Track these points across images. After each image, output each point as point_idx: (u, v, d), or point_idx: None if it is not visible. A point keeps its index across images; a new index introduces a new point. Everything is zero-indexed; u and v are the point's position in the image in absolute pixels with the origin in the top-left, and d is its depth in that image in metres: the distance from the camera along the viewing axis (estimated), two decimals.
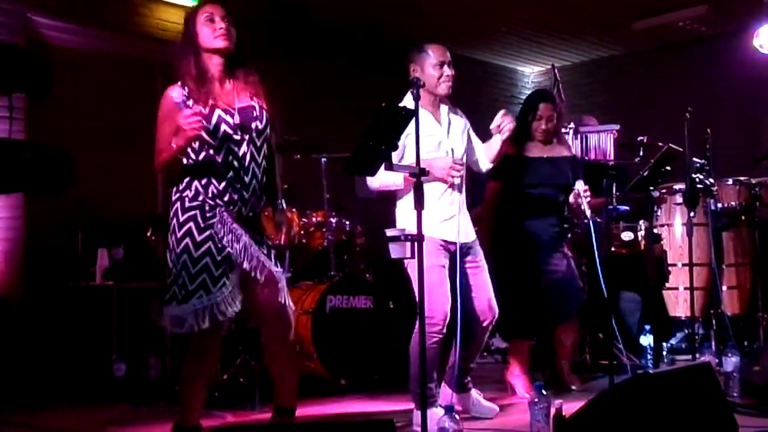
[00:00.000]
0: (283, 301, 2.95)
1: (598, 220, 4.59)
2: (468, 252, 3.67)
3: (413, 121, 2.67)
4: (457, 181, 3.53)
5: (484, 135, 3.98)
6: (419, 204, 2.64)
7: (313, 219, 5.01)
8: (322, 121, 6.28)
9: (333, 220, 5.01)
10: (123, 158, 5.86)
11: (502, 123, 3.67)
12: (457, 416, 2.73)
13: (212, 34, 2.91)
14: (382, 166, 2.64)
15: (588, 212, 4.07)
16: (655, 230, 5.30)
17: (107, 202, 5.41)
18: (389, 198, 3.73)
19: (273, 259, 2.99)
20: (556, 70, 5.13)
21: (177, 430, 3.00)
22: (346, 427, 2.15)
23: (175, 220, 2.91)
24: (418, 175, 2.65)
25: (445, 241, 3.56)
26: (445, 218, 3.57)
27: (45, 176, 2.40)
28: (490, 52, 8.37)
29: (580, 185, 4.14)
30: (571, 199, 4.26)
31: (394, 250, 2.88)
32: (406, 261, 3.23)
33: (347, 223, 5.18)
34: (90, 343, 4.78)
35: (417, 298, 2.82)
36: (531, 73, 9.12)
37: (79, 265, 5.01)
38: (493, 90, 8.73)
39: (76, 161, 2.48)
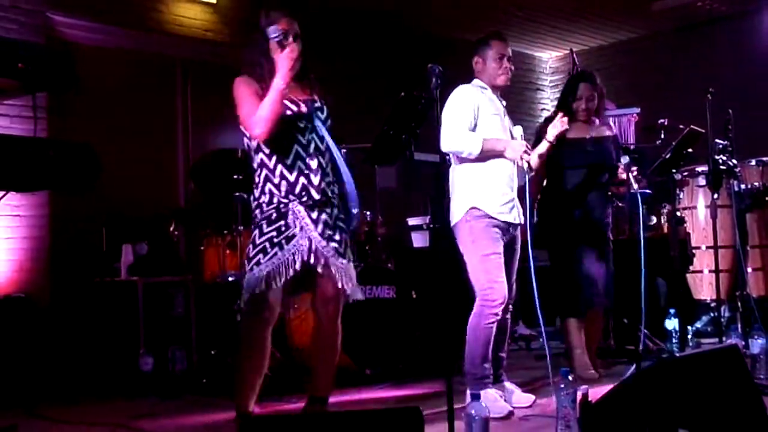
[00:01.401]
0: (338, 294, 3.15)
1: (621, 205, 4.56)
2: (515, 235, 3.76)
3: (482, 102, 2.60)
4: (525, 164, 3.63)
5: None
6: (441, 191, 2.64)
7: None
8: (342, 112, 6.26)
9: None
10: (144, 154, 5.91)
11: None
12: (484, 404, 2.73)
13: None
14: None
15: (636, 185, 4.05)
16: (678, 213, 5.26)
17: (130, 198, 5.46)
18: (409, 187, 3.76)
19: (344, 246, 3.13)
20: (574, 55, 5.10)
21: (237, 416, 3.10)
22: (374, 415, 2.16)
23: (257, 230, 3.08)
24: (440, 164, 2.64)
25: (506, 222, 3.65)
26: (507, 201, 3.66)
27: (70, 173, 2.42)
28: (507, 38, 8.31)
29: (626, 159, 4.15)
30: (619, 172, 4.28)
31: (417, 239, 2.89)
32: (462, 246, 3.32)
33: (368, 213, 5.17)
34: (117, 338, 4.83)
35: (473, 281, 2.78)
36: (549, 59, 9.06)
37: (103, 261, 5.06)
38: (511, 76, 8.66)
39: (99, 158, 2.50)
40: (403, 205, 5.86)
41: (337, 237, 3.12)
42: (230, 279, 4.75)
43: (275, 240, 3.02)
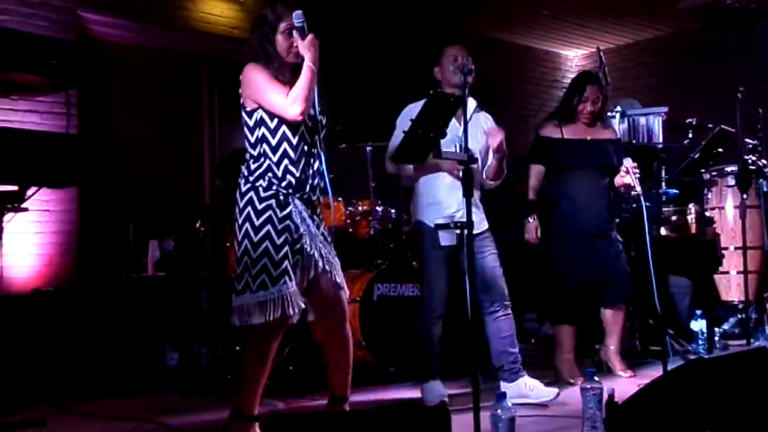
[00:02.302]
0: (340, 291, 3.10)
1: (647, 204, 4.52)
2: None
3: None
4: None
5: (524, 120, 4.00)
6: (468, 191, 2.64)
7: (359, 208, 5.03)
8: (367, 109, 6.28)
9: (379, 209, 5.02)
10: (171, 151, 5.96)
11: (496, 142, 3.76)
12: (509, 404, 2.72)
13: (287, 49, 3.07)
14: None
15: (638, 188, 4.03)
16: (706, 213, 5.21)
17: (157, 194, 5.51)
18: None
19: (330, 246, 3.12)
20: (601, 53, 5.06)
21: (235, 417, 3.04)
22: (401, 413, 2.16)
23: (250, 208, 2.99)
24: (467, 163, 2.64)
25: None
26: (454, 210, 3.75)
27: (102, 170, 2.45)
28: (532, 37, 8.29)
29: (628, 162, 4.12)
30: (618, 177, 4.25)
31: (444, 238, 2.89)
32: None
33: (393, 211, 5.18)
34: (143, 333, 4.87)
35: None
36: (575, 57, 9.00)
37: (130, 257, 5.11)
38: (536, 74, 8.65)
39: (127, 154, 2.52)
40: None
41: (329, 238, 3.14)
42: None
43: (291, 255, 2.97)
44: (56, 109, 5.10)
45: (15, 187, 2.61)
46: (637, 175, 4.06)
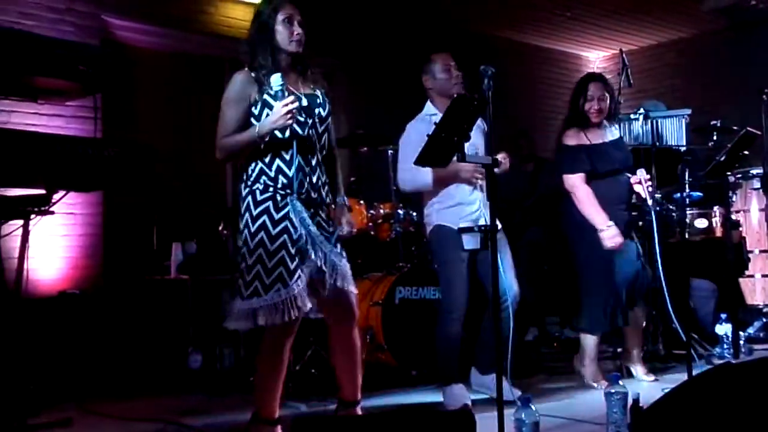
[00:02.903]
0: (349, 294, 3.04)
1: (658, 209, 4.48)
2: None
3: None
4: (481, 182, 3.82)
5: (545, 122, 3.99)
6: (492, 194, 2.63)
7: (381, 211, 5.03)
8: (388, 112, 6.28)
9: (400, 212, 5.02)
10: (193, 154, 5.99)
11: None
12: (533, 407, 2.71)
13: (289, 37, 2.99)
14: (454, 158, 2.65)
15: (650, 200, 4.00)
16: (732, 216, 5.16)
17: (180, 198, 5.54)
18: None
19: (339, 248, 3.05)
20: (624, 55, 5.03)
21: (256, 421, 3.05)
22: (426, 417, 2.16)
23: (248, 215, 2.94)
24: (490, 166, 2.64)
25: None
26: (453, 204, 3.86)
27: (130, 174, 2.47)
28: (554, 39, 8.26)
29: (642, 173, 4.11)
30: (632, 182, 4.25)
31: (468, 241, 2.88)
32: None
33: (414, 214, 5.17)
34: (166, 335, 4.91)
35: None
36: (596, 59, 8.96)
37: (154, 260, 5.15)
38: (557, 76, 8.61)
39: (156, 157, 2.55)
40: None
41: (334, 240, 3.05)
42: None
43: (291, 252, 2.90)
44: (81, 113, 5.16)
45: (42, 191, 2.64)
46: (649, 187, 4.02)
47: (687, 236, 5.07)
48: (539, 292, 5.69)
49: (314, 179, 2.99)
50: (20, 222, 2.84)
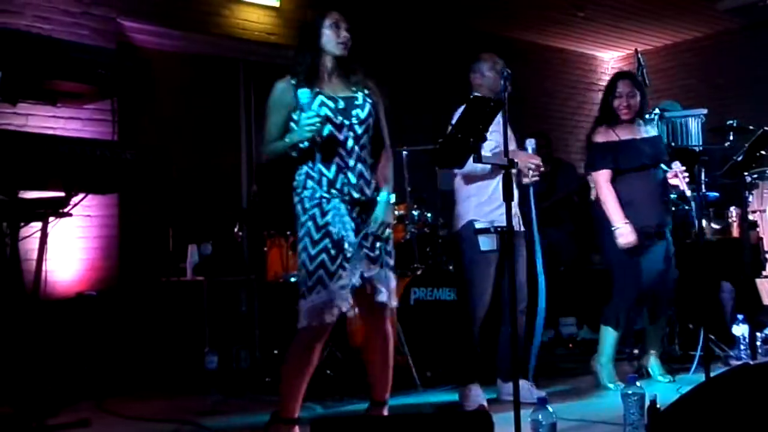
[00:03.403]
0: (387, 295, 3.10)
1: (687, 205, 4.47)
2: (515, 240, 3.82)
3: None
4: (534, 178, 3.85)
5: (561, 123, 4.00)
6: (509, 196, 2.63)
7: (396, 212, 5.02)
8: (403, 113, 6.29)
9: (415, 213, 5.03)
10: (208, 156, 6.03)
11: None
12: (550, 408, 2.70)
13: (336, 40, 3.12)
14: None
15: (688, 192, 3.99)
16: (749, 216, 5.13)
17: (195, 199, 5.56)
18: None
19: (380, 251, 3.10)
20: (639, 55, 5.01)
21: (276, 420, 3.07)
22: (444, 418, 2.16)
23: (299, 222, 3.07)
24: (507, 168, 2.63)
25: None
26: (487, 202, 3.79)
27: (148, 176, 2.49)
28: (568, 39, 8.24)
29: (677, 165, 4.11)
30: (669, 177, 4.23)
31: (484, 243, 2.88)
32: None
33: (429, 215, 5.18)
34: (182, 336, 4.93)
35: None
36: (611, 59, 8.93)
37: (170, 261, 5.17)
38: (572, 77, 8.59)
39: (174, 162, 2.56)
40: None
41: (375, 243, 3.11)
42: (293, 279, 4.80)
43: (333, 256, 2.98)
44: (97, 116, 5.19)
45: (61, 194, 2.66)
46: (686, 179, 4.02)
47: (704, 237, 5.03)
48: (554, 294, 5.68)
49: (355, 179, 3.06)
50: (38, 224, 2.87)
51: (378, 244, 3.10)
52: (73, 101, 3.10)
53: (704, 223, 5.07)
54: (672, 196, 4.47)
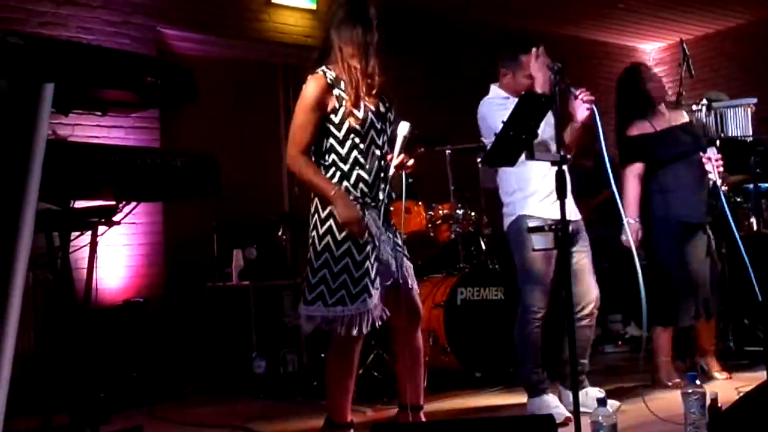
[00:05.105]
0: (415, 298, 3.05)
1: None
2: (576, 233, 3.65)
3: None
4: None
5: (604, 115, 3.92)
6: (562, 192, 2.57)
7: (440, 211, 4.99)
8: (445, 112, 6.25)
9: (459, 212, 4.98)
10: (249, 160, 6.04)
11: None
12: (610, 409, 2.65)
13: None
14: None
15: (720, 181, 3.88)
16: None
17: (238, 204, 5.58)
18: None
19: (403, 251, 3.06)
20: (684, 45, 4.91)
21: (329, 426, 3.04)
22: (506, 422, 2.12)
23: (332, 222, 2.92)
24: (560, 163, 2.58)
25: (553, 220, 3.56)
26: (547, 195, 3.54)
27: (197, 183, 2.49)
28: (608, 31, 8.12)
29: (712, 151, 3.99)
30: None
31: (538, 241, 2.83)
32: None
33: (473, 214, 5.13)
34: (230, 341, 4.95)
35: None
36: (651, 50, 8.78)
37: (215, 266, 5.19)
38: (613, 70, 8.43)
39: (222, 168, 2.56)
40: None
41: (400, 241, 3.07)
42: None
43: (372, 260, 2.91)
44: (139, 124, 5.25)
45: (112, 202, 2.67)
46: (720, 167, 3.91)
47: (761, 229, 4.90)
48: (601, 290, 5.59)
49: (386, 186, 2.99)
50: (87, 233, 2.89)
51: (401, 239, 3.09)
52: (120, 110, 3.11)
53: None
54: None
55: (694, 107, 4.97)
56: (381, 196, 2.97)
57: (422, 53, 6.78)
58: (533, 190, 3.59)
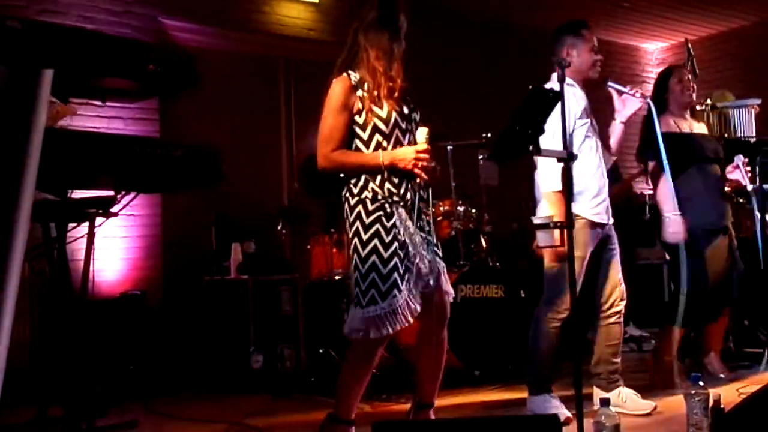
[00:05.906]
0: (446, 297, 3.03)
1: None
2: (608, 234, 3.66)
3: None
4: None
5: (608, 115, 3.89)
6: (569, 189, 2.54)
7: (441, 208, 4.96)
8: (447, 108, 6.21)
9: (460, 209, 4.95)
10: (249, 154, 6.00)
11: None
12: (612, 410, 2.62)
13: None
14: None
15: (749, 186, 3.89)
16: None
17: (237, 198, 5.54)
18: (512, 185, 3.67)
19: (438, 251, 3.05)
20: (689, 45, 4.88)
21: (333, 421, 3.01)
22: (510, 422, 2.09)
23: (359, 223, 2.92)
24: (567, 160, 2.54)
25: (598, 224, 3.57)
26: (596, 195, 3.56)
27: (197, 174, 2.44)
28: (612, 30, 8.09)
29: (740, 158, 4.03)
30: (726, 173, 4.15)
31: (542, 239, 2.80)
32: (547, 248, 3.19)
33: (474, 211, 5.10)
34: (227, 336, 4.91)
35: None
36: (655, 50, 8.75)
37: (213, 260, 5.15)
38: (616, 69, 8.42)
39: (222, 160, 2.52)
40: (508, 203, 5.76)
41: (435, 240, 3.06)
42: (337, 277, 4.76)
43: (400, 264, 2.88)
44: (139, 115, 5.20)
45: (111, 193, 2.63)
46: (748, 173, 3.91)
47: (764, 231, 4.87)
48: None
49: (414, 185, 2.99)
50: (84, 224, 2.85)
51: (434, 238, 3.07)
52: (120, 98, 3.06)
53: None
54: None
55: (698, 108, 4.93)
56: (409, 196, 2.95)
57: (424, 47, 6.71)
58: (581, 189, 3.52)
